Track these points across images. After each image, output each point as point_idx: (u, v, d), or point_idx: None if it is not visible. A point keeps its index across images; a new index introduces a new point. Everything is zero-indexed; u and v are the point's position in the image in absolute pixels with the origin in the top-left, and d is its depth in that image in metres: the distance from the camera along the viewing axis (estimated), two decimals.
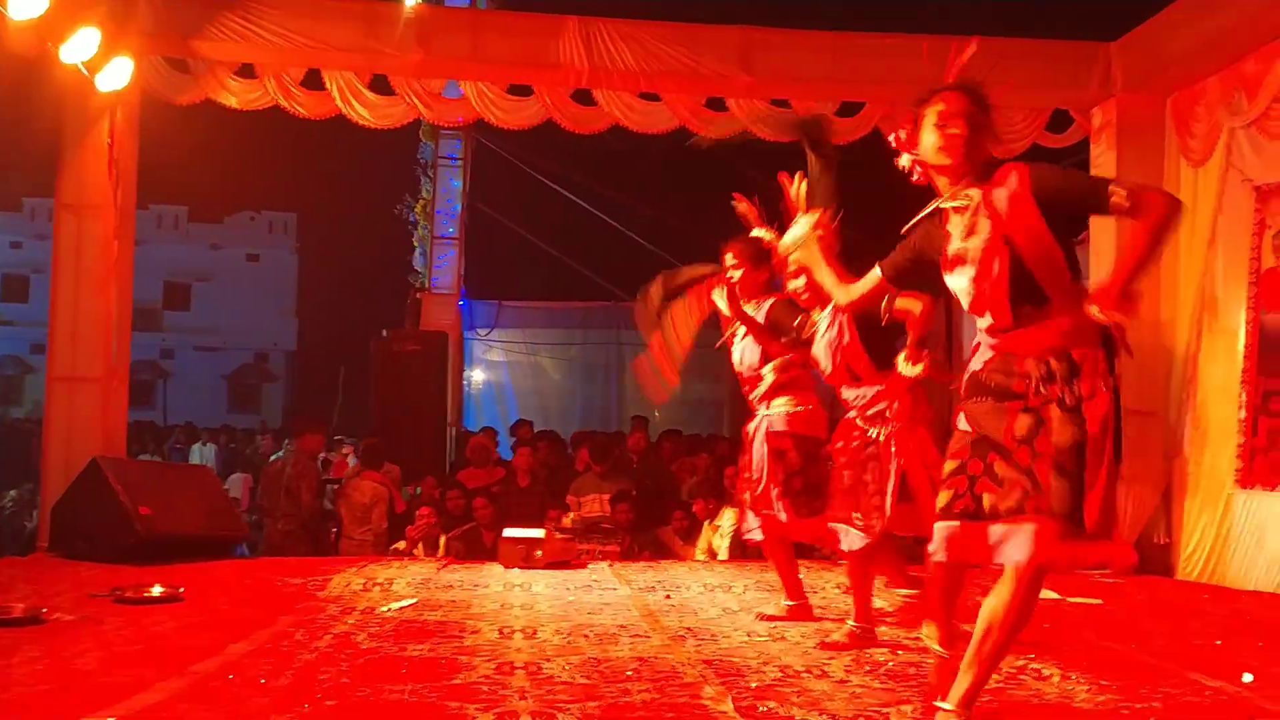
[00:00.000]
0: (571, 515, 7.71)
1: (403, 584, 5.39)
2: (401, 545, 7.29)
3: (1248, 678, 3.64)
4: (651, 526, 7.62)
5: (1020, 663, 3.78)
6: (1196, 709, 3.23)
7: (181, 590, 4.94)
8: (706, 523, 7.35)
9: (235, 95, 7.19)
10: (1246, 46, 6.33)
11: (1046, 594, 5.23)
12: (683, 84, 7.32)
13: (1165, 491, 7.00)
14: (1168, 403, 7.04)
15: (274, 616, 4.45)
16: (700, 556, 7.14)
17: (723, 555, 7.02)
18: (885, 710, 3.11)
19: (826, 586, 5.54)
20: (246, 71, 7.19)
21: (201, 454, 15.98)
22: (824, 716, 3.05)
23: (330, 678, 3.39)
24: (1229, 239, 6.65)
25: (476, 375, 14.39)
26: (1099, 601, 5.21)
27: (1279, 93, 6.12)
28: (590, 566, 6.33)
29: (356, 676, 3.42)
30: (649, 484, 8.45)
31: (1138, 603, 5.33)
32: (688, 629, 4.35)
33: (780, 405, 4.57)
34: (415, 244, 14.03)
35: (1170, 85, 7.08)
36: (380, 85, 7.37)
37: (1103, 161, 7.44)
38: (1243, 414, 6.42)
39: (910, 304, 3.88)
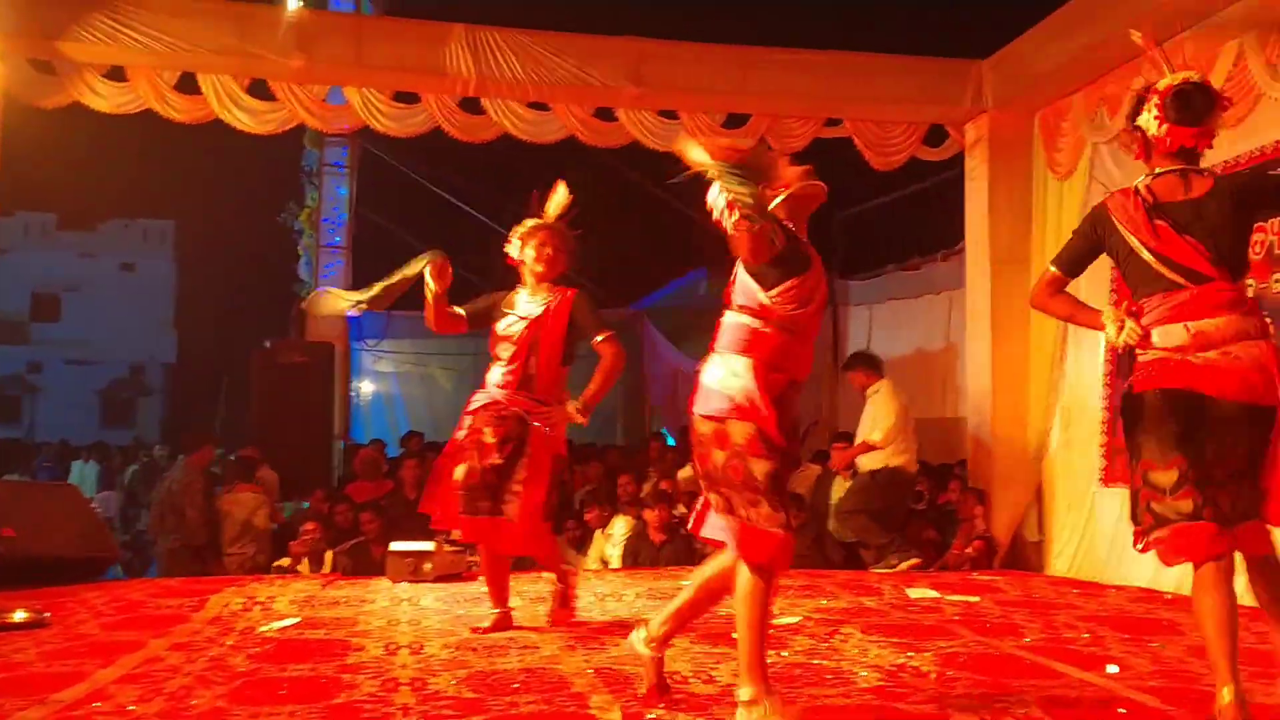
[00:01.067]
0: None
1: (285, 602, 5.24)
2: (285, 562, 7.09)
3: (1112, 669, 3.83)
4: None
5: (900, 660, 3.89)
6: (1066, 700, 3.37)
7: (47, 615, 4.70)
8: (599, 531, 7.36)
9: (105, 98, 6.90)
10: (1108, 65, 6.66)
11: (926, 592, 5.41)
12: (572, 94, 7.33)
13: (1036, 490, 7.31)
14: (1035, 405, 7.34)
15: (145, 640, 4.27)
16: (592, 565, 7.13)
17: (615, 564, 7.03)
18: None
19: None
20: (117, 74, 6.92)
21: (83, 472, 15.27)
22: None
23: (205, 702, 3.27)
24: None
25: (365, 386, 14.10)
26: (976, 599, 5.39)
27: None
28: (481, 579, 6.26)
29: (233, 699, 3.31)
30: None
31: (1011, 599, 5.53)
32: (577, 639, 4.34)
33: None
34: (300, 253, 13.69)
35: (1038, 102, 7.40)
36: (261, 90, 7.18)
37: (976, 175, 7.74)
38: (1104, 415, 6.75)
39: None
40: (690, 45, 7.51)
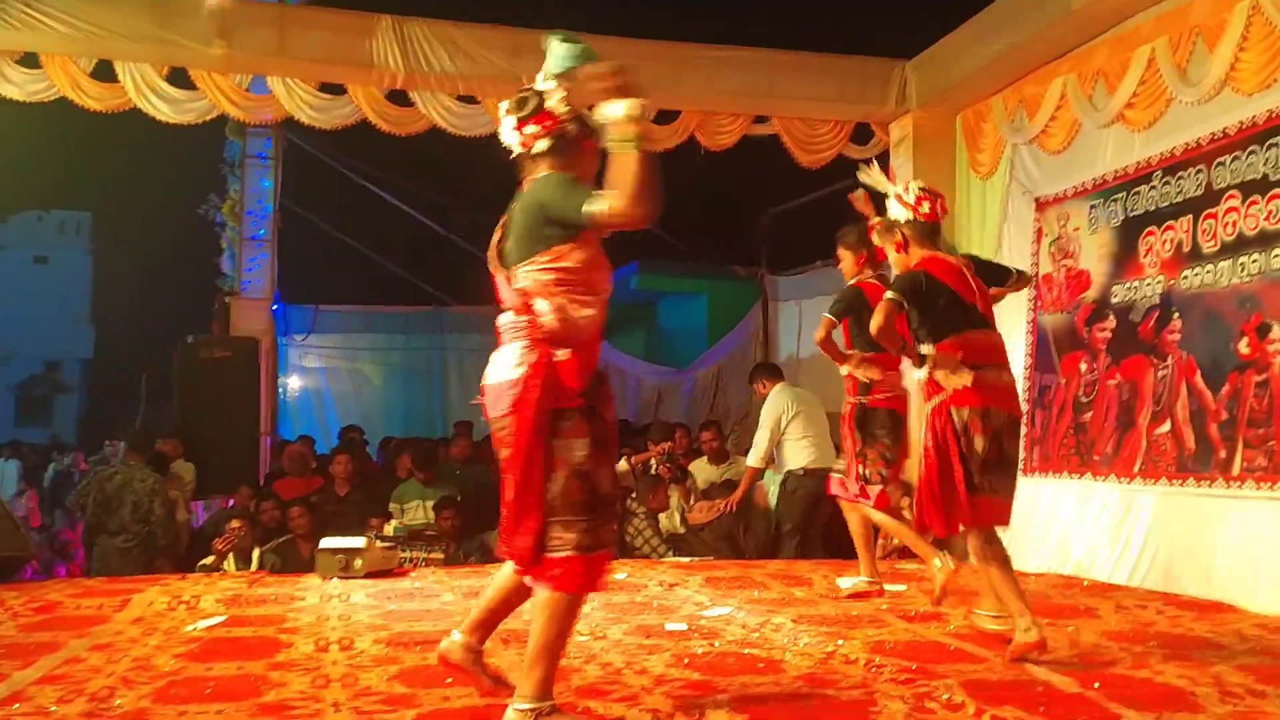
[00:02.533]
0: (394, 523, 7.54)
1: (211, 600, 5.14)
2: (209, 560, 6.95)
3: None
4: (477, 531, 7.55)
5: (830, 649, 3.97)
6: (987, 684, 3.47)
7: None
8: None
9: (17, 86, 6.69)
10: (1026, 67, 6.86)
11: (856, 582, 5.51)
12: (502, 88, 7.28)
13: None
14: None
15: (65, 640, 4.17)
16: None
17: None
18: (702, 702, 3.21)
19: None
20: (30, 60, 6.71)
21: (2, 470, 14.76)
22: (644, 713, 3.12)
23: (128, 702, 3.21)
24: (1014, 246, 7.17)
25: (293, 382, 13.86)
26: (903, 588, 5.52)
27: (1055, 111, 6.66)
28: (413, 574, 6.22)
29: (158, 699, 3.25)
30: (473, 489, 8.37)
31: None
32: (510, 632, 4.34)
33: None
34: (223, 246, 13.38)
35: (960, 102, 7.58)
36: (181, 79, 7.02)
37: (901, 172, 7.88)
38: (1025, 408, 6.94)
39: None
40: (620, 40, 7.51)
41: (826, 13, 10.83)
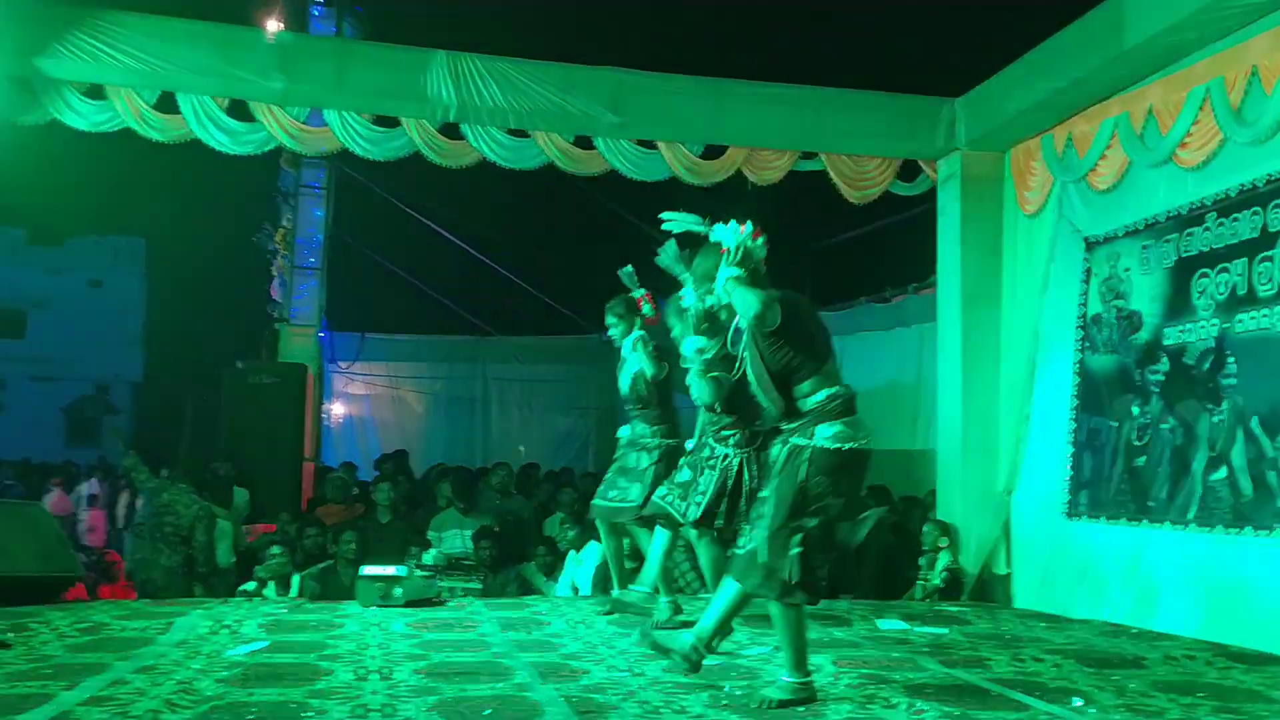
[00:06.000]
0: (433, 551, 7.57)
1: (253, 625, 5.19)
2: (251, 586, 7.01)
3: (1077, 702, 3.87)
4: (514, 562, 7.56)
5: (869, 691, 3.92)
6: None
7: (9, 636, 4.63)
8: (571, 555, 7.34)
9: (83, 116, 6.86)
10: (1076, 106, 6.81)
11: (895, 623, 5.44)
12: (552, 123, 7.38)
13: (1005, 524, 7.37)
14: (1005, 438, 7.43)
15: (110, 662, 4.22)
16: (564, 592, 7.12)
17: (586, 590, 7.01)
18: None
19: None
20: (96, 92, 6.90)
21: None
22: None
23: None
24: (1060, 285, 7.10)
25: (337, 409, 14.03)
26: (945, 630, 5.43)
27: (1106, 151, 6.60)
28: (451, 604, 6.23)
29: None
30: (511, 519, 8.39)
31: (980, 631, 5.57)
32: (549, 665, 4.33)
33: None
34: (274, 274, 13.62)
35: (1009, 140, 7.54)
36: (241, 111, 7.18)
37: (948, 210, 7.86)
38: (1071, 449, 6.84)
39: None
40: (669, 76, 7.60)
41: (875, 50, 10.85)
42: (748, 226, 3.88)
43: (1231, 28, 5.64)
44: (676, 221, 4.20)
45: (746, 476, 4.73)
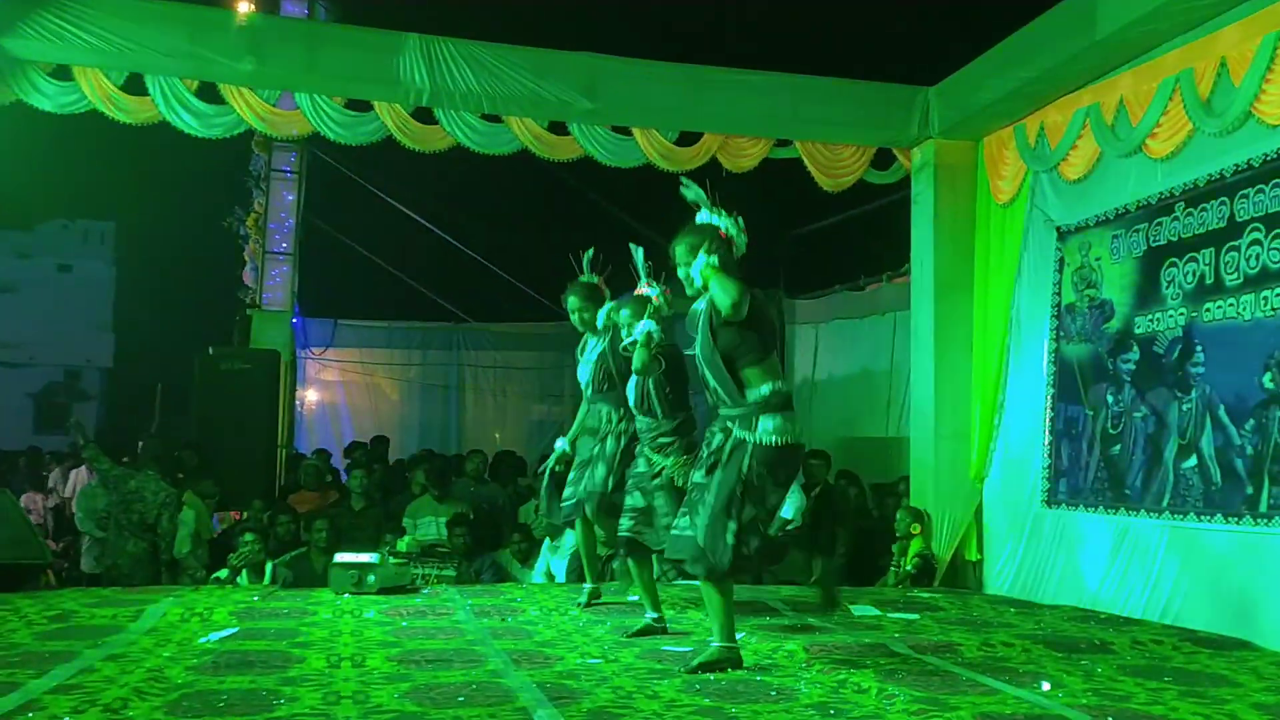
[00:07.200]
0: (407, 539, 7.55)
1: (224, 613, 5.15)
2: (223, 573, 6.97)
3: (1045, 686, 3.92)
4: (489, 549, 7.55)
5: (840, 676, 3.95)
6: (1000, 716, 3.44)
7: None
8: (546, 543, 7.34)
9: (49, 97, 6.76)
10: (1048, 96, 6.85)
11: (868, 610, 5.48)
12: (526, 108, 7.34)
13: (977, 510, 7.44)
14: (978, 426, 7.49)
15: (80, 650, 4.18)
16: (539, 579, 7.12)
17: (561, 578, 7.02)
18: None
19: None
20: (62, 73, 6.79)
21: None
22: None
23: (141, 714, 3.22)
24: (1034, 274, 7.15)
25: (310, 396, 13.91)
26: (915, 617, 5.47)
27: (1077, 141, 6.65)
28: (426, 591, 6.22)
29: (170, 711, 3.26)
30: (486, 506, 8.37)
31: (951, 616, 5.62)
32: (523, 652, 4.34)
33: None
34: (245, 259, 13.48)
35: (982, 129, 7.57)
36: (210, 94, 7.09)
37: (922, 199, 7.89)
38: (1048, 438, 6.90)
39: None
40: (644, 62, 7.57)
41: (850, 39, 10.86)
42: (739, 220, 4.11)
43: (1201, 19, 5.68)
44: (692, 190, 4.27)
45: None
